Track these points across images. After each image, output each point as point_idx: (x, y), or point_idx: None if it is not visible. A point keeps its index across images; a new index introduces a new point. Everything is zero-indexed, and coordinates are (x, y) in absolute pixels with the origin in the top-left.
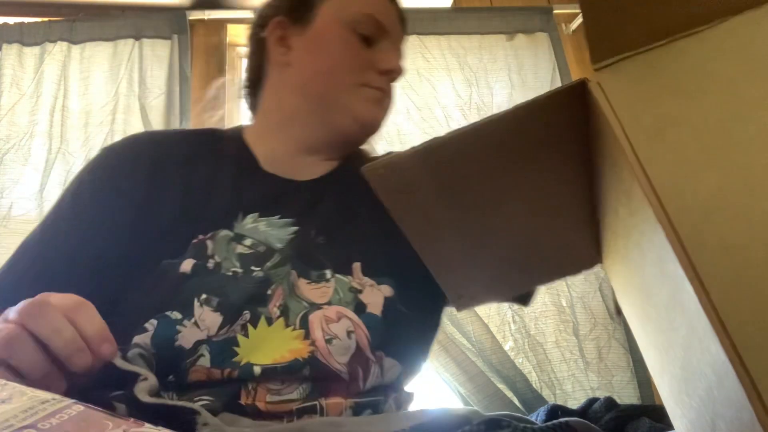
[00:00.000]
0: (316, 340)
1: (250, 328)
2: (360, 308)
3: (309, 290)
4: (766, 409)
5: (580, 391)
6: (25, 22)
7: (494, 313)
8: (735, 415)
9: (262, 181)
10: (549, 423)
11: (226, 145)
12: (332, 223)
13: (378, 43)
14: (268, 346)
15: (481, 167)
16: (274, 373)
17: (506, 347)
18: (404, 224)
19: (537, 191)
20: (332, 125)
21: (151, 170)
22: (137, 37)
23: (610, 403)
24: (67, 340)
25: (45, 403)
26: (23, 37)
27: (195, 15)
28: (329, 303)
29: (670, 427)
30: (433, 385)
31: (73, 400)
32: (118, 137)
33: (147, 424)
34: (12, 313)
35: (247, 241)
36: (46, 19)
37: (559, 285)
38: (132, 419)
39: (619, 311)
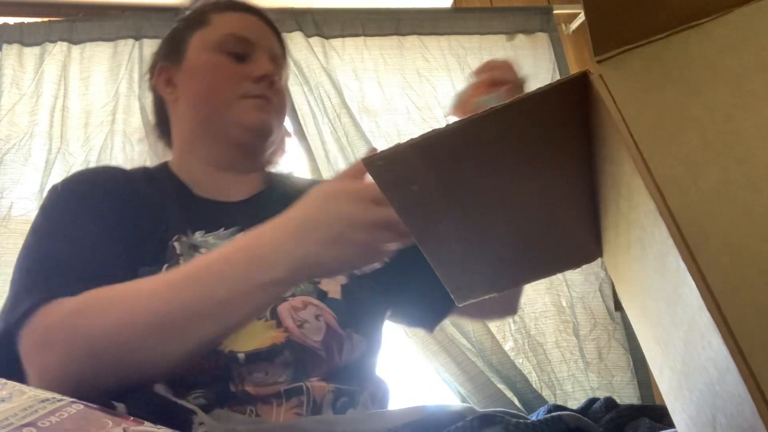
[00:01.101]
0: (289, 327)
1: None
2: (322, 295)
3: None
4: None
5: (580, 391)
6: (25, 22)
7: None
8: (736, 411)
9: (199, 207)
10: (541, 417)
11: (159, 180)
12: None
13: (251, 55)
14: (246, 335)
15: (481, 160)
16: (258, 358)
17: (506, 347)
18: (403, 216)
19: (537, 184)
20: (226, 139)
21: (100, 208)
22: (137, 37)
23: (610, 403)
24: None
25: (44, 402)
26: (23, 37)
27: None
28: (293, 295)
29: (670, 426)
30: (433, 385)
31: (72, 399)
32: (118, 137)
33: (146, 423)
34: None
35: (203, 250)
36: (46, 19)
37: (559, 285)
38: (132, 418)
39: (618, 307)
